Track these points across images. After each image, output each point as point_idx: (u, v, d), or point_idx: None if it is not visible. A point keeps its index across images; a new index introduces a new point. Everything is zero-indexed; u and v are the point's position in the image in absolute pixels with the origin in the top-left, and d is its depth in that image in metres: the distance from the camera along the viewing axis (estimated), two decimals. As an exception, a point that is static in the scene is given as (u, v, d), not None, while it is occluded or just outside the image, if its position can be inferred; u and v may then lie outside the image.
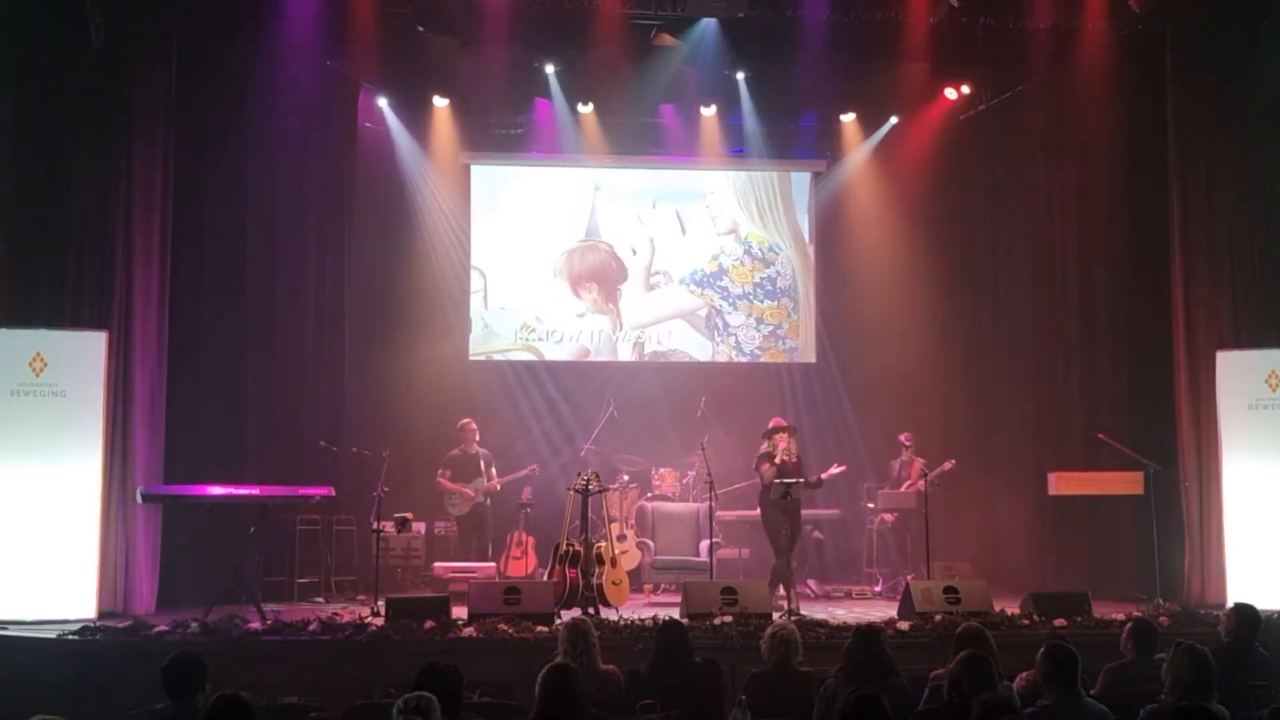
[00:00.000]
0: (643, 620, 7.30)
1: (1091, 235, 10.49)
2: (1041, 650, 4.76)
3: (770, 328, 12.54)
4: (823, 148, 12.60)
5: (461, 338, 12.17)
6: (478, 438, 10.68)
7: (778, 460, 9.11)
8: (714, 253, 12.53)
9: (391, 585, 9.75)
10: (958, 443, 11.12)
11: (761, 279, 12.54)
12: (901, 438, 10.84)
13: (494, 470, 10.68)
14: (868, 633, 5.41)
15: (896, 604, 8.31)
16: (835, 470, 9.59)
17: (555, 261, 12.35)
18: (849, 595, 10.24)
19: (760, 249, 12.56)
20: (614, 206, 12.46)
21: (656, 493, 11.18)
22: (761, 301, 12.54)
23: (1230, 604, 6.45)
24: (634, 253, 12.42)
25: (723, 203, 12.57)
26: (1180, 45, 9.59)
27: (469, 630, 7.18)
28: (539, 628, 7.19)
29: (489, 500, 10.56)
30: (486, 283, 12.30)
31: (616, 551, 8.78)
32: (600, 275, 12.41)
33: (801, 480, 9.14)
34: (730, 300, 12.51)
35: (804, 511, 10.26)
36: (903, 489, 10.69)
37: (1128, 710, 4.71)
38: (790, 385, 12.43)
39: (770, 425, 9.58)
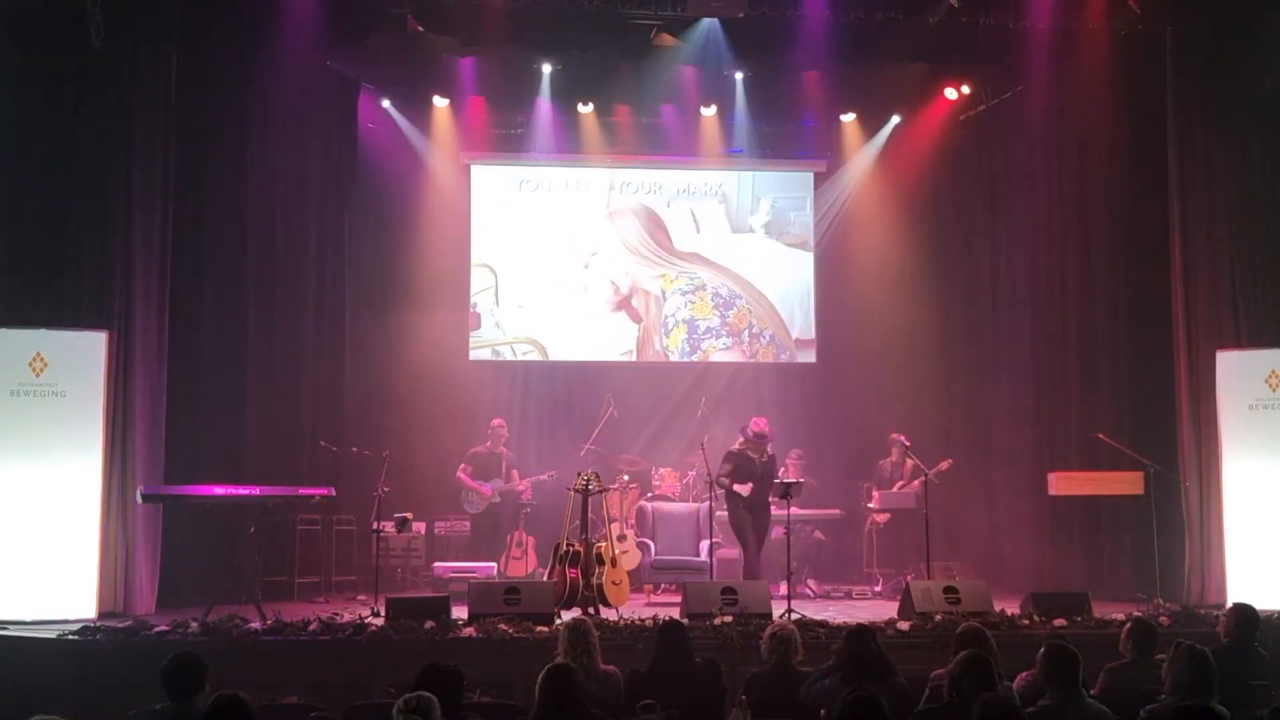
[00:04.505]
0: (643, 620, 7.30)
1: (1091, 235, 10.47)
2: (1042, 650, 4.76)
3: (770, 332, 12.54)
4: (823, 148, 12.59)
5: (462, 338, 12.16)
6: (505, 438, 10.71)
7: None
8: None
9: (391, 585, 9.76)
10: (958, 443, 11.12)
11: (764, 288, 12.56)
12: (900, 438, 10.80)
13: (515, 473, 10.74)
14: (855, 634, 5.44)
15: (896, 604, 8.31)
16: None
17: (567, 260, 12.30)
18: (849, 595, 10.26)
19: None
20: (629, 206, 12.42)
21: (656, 493, 11.18)
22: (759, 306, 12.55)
23: (1230, 604, 6.45)
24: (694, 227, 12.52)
25: (736, 203, 12.58)
26: (1180, 45, 9.58)
27: (469, 630, 7.17)
28: (539, 628, 7.18)
29: (501, 500, 10.63)
30: (497, 280, 12.27)
31: (616, 551, 8.77)
32: (614, 275, 12.38)
33: (800, 481, 9.42)
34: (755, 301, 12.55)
35: (806, 511, 10.34)
36: (894, 489, 10.69)
37: (1128, 710, 4.72)
38: (790, 385, 12.43)
39: (752, 430, 9.61)
